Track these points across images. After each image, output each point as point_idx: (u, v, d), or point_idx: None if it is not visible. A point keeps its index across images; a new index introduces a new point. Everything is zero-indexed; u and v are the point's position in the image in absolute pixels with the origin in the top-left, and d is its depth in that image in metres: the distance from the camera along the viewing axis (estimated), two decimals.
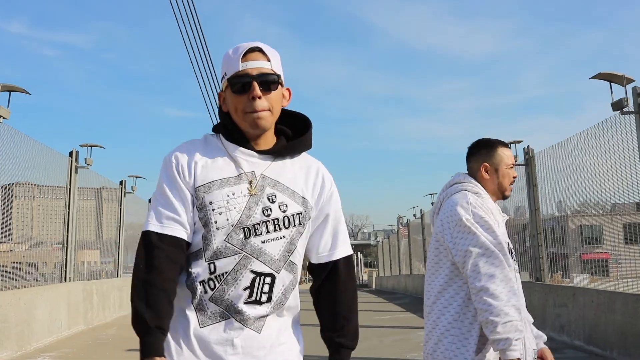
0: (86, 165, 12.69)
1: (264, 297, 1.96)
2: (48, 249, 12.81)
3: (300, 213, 2.04)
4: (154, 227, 1.95)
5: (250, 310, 1.94)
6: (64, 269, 12.08)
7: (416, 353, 8.92)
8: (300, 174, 2.11)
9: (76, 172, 12.41)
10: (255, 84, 1.98)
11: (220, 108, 2.13)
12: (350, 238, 2.27)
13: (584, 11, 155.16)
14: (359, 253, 58.22)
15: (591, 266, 11.72)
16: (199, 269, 1.95)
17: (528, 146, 11.90)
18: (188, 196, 1.98)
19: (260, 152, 2.06)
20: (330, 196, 2.16)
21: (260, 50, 2.03)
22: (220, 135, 2.10)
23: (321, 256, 2.15)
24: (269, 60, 2.03)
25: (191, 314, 1.95)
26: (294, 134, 2.17)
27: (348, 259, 2.17)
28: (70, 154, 12.30)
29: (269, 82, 2.00)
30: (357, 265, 54.62)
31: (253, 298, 1.94)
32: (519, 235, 12.81)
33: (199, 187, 1.98)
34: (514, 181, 3.04)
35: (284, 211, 2.01)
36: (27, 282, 11.83)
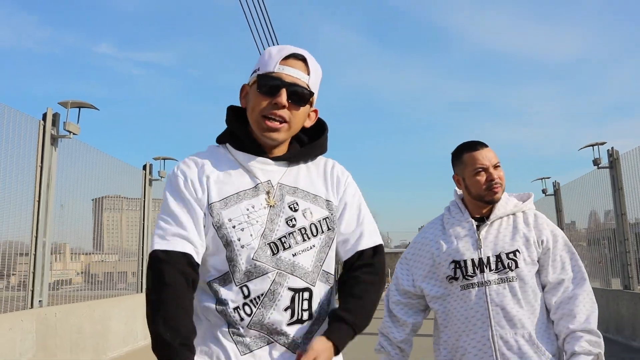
0: (159, 177, 12.99)
1: (305, 315, 1.82)
2: (135, 258, 13.14)
3: (327, 217, 1.92)
4: (160, 245, 1.79)
5: (295, 332, 1.80)
6: (140, 279, 12.40)
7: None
8: (319, 176, 1.99)
9: (150, 184, 12.76)
10: (284, 92, 1.84)
11: (230, 109, 1.99)
12: None
13: None
14: None
15: None
16: (231, 295, 1.79)
17: (612, 148, 11.19)
18: (199, 213, 1.83)
19: (274, 159, 1.93)
20: (346, 188, 2.02)
21: (303, 60, 1.90)
22: (228, 145, 1.96)
23: (348, 250, 1.96)
24: (308, 74, 1.90)
25: (228, 344, 1.79)
26: (309, 137, 2.04)
27: (376, 250, 1.98)
28: (144, 167, 12.67)
29: (299, 95, 1.87)
30: None
31: (295, 318, 1.80)
32: (609, 240, 12.12)
33: (214, 203, 1.83)
34: (492, 183, 2.71)
35: (310, 218, 1.89)
36: (118, 291, 12.21)
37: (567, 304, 2.61)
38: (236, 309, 1.77)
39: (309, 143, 2.01)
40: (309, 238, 1.85)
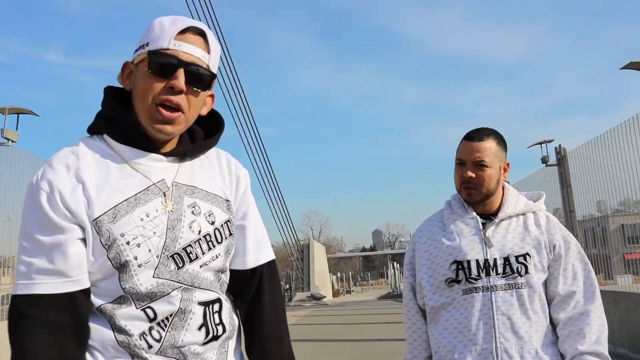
0: (5, 140, 12.05)
1: (220, 329, 1.58)
2: None
3: (229, 220, 1.65)
4: (22, 288, 1.43)
5: (210, 349, 1.56)
6: None
7: None
8: (214, 173, 1.69)
9: None
10: (182, 73, 1.51)
11: (108, 91, 1.63)
12: (387, 247, 1.86)
13: (617, 6, 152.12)
14: (395, 262, 57.56)
15: (635, 266, 11.16)
16: (132, 319, 1.48)
17: (560, 145, 11.35)
18: (74, 235, 1.46)
19: (166, 155, 1.60)
20: (245, 189, 1.75)
21: (203, 35, 1.58)
22: (106, 136, 1.58)
23: (247, 261, 1.72)
24: (209, 52, 1.58)
25: None
26: (197, 123, 1.69)
27: (272, 264, 1.78)
28: None
29: (199, 77, 1.55)
30: (394, 275, 54.01)
31: (211, 335, 1.55)
32: None
33: (100, 217, 1.46)
34: (465, 182, 2.44)
35: (213, 222, 1.60)
36: None
37: (576, 321, 2.35)
38: (142, 335, 1.48)
39: (206, 138, 1.70)
40: (214, 246, 1.59)
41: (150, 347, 1.48)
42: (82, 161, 1.51)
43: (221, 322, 1.58)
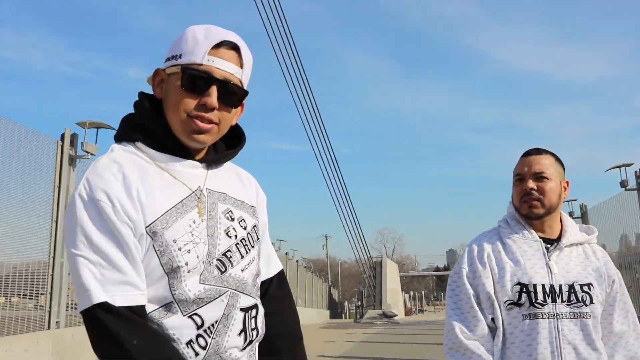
0: (86, 154, 11.69)
1: (254, 334, 1.61)
2: None
3: (255, 225, 1.69)
4: (101, 295, 1.39)
5: (245, 354, 1.59)
6: None
7: None
8: (236, 181, 1.74)
9: (71, 163, 11.58)
10: (215, 90, 1.53)
11: (143, 97, 1.63)
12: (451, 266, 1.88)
13: None
14: None
15: None
16: (180, 327, 1.47)
17: (639, 169, 10.93)
18: (134, 245, 1.45)
19: (199, 161, 1.63)
20: (264, 204, 1.81)
21: (237, 49, 1.58)
22: (140, 144, 1.58)
23: (264, 272, 1.80)
24: (241, 66, 1.59)
25: None
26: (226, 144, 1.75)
27: (281, 273, 1.86)
28: (62, 137, 11.62)
29: (232, 95, 1.57)
30: None
31: (248, 340, 1.59)
32: None
33: (153, 223, 1.46)
34: (526, 195, 2.36)
35: (245, 227, 1.64)
36: None
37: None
38: (189, 343, 1.47)
39: (231, 147, 1.72)
40: (249, 250, 1.62)
41: (196, 355, 1.48)
42: (124, 168, 1.51)
43: (256, 327, 1.61)
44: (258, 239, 1.69)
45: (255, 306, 1.62)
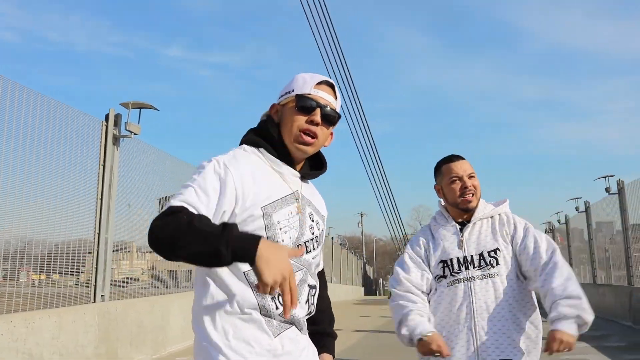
0: (129, 133, 12.13)
1: (313, 308, 2.15)
2: None
3: (324, 229, 2.25)
4: (190, 198, 1.89)
5: (303, 319, 2.10)
6: None
7: None
8: (316, 194, 2.29)
9: (115, 142, 12.05)
10: (319, 111, 2.10)
11: (266, 119, 2.18)
12: None
13: None
14: None
15: None
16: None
17: None
18: (228, 205, 1.93)
19: (299, 172, 2.18)
20: (325, 217, 2.32)
21: (332, 87, 2.19)
22: (262, 150, 2.13)
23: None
24: (336, 98, 2.18)
25: (263, 329, 1.97)
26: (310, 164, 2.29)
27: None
28: (106, 118, 11.75)
29: (331, 116, 2.14)
30: None
31: (309, 310, 2.12)
32: None
33: (268, 205, 1.99)
34: (465, 191, 3.09)
35: (319, 228, 2.19)
36: (182, 289, 12.47)
37: (549, 270, 2.91)
38: (273, 298, 1.97)
39: (318, 169, 2.27)
40: (317, 246, 2.16)
41: (277, 308, 1.98)
42: (251, 162, 2.07)
43: (314, 303, 2.16)
44: (322, 241, 2.23)
45: (316, 287, 2.17)
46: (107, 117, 8.80)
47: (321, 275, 2.33)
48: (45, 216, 7.80)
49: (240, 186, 1.95)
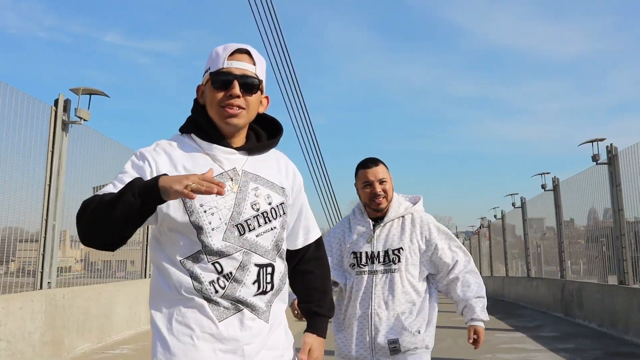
0: (78, 119, 11.96)
1: (269, 287, 2.06)
2: (136, 247, 13.24)
3: (283, 203, 2.15)
4: (106, 190, 1.91)
5: (259, 301, 2.04)
6: (144, 265, 12.63)
7: (490, 355, 8.70)
8: (273, 166, 2.20)
9: (64, 128, 11.81)
10: (236, 83, 2.04)
11: (195, 101, 2.17)
12: None
13: None
14: None
15: None
16: (206, 271, 1.97)
17: (611, 144, 11.34)
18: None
19: (237, 149, 2.11)
20: (300, 186, 2.29)
21: (247, 53, 2.10)
22: (193, 135, 2.11)
23: (298, 242, 2.30)
24: (254, 64, 2.09)
25: (206, 313, 1.97)
26: (262, 128, 2.24)
27: (319, 241, 2.37)
28: (55, 103, 11.51)
29: (250, 84, 2.06)
30: None
31: (261, 290, 2.04)
32: (607, 238, 12.25)
33: None
34: (375, 196, 3.42)
35: (270, 203, 2.10)
36: (115, 280, 12.26)
37: (465, 277, 3.43)
38: (211, 282, 1.96)
39: (268, 139, 2.22)
40: (270, 221, 2.08)
41: (216, 292, 1.96)
42: (175, 149, 2.06)
43: (271, 282, 2.07)
44: (284, 213, 2.15)
45: (270, 265, 2.07)
46: (56, 103, 8.66)
47: (317, 248, 2.34)
48: None
49: (156, 174, 1.93)
